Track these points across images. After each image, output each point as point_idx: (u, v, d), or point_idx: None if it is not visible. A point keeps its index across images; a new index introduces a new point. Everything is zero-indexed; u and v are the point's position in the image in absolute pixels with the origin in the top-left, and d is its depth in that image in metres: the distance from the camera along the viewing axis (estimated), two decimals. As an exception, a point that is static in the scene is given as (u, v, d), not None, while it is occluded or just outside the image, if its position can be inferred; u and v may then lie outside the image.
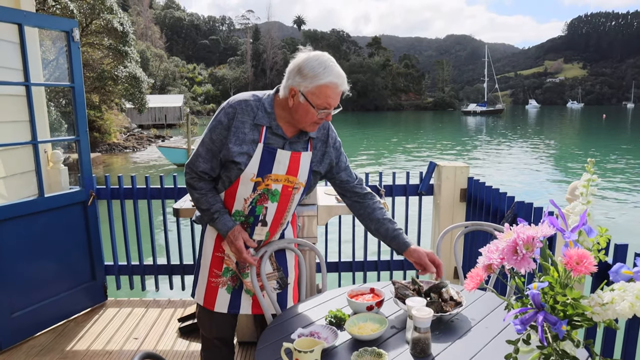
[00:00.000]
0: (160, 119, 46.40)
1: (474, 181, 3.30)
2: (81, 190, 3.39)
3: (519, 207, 2.59)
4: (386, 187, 3.60)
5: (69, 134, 17.00)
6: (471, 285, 1.31)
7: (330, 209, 2.87)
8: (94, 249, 3.48)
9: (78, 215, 3.38)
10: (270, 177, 1.87)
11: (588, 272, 1.10)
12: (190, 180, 1.94)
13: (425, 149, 24.96)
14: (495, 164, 19.04)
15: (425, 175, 3.60)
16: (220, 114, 1.86)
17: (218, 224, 1.91)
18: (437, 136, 35.09)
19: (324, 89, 1.75)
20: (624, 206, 11.75)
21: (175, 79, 74.29)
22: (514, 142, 29.36)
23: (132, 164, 21.02)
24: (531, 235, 1.20)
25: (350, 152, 23.89)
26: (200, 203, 1.93)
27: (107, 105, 25.80)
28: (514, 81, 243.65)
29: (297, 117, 1.82)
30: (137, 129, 35.57)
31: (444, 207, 3.48)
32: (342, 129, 43.22)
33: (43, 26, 3.18)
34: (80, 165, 3.38)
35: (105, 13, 20.02)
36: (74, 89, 3.25)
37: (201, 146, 1.90)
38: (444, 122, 58.84)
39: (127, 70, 21.90)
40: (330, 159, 2.01)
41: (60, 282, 3.31)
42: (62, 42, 15.52)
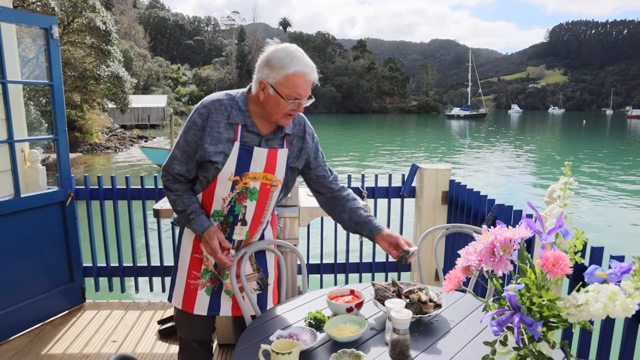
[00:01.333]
0: (143, 120, 45.96)
1: (456, 184, 3.33)
2: (59, 190, 3.33)
3: (499, 209, 2.61)
4: (368, 189, 3.60)
5: (49, 134, 16.73)
6: (449, 286, 1.31)
7: (312, 211, 2.86)
8: (72, 250, 3.43)
9: (56, 215, 3.33)
10: (248, 175, 1.87)
11: (564, 273, 1.11)
12: (166, 182, 1.93)
13: (408, 152, 25.12)
14: (477, 168, 19.25)
15: (407, 177, 3.62)
16: (194, 115, 1.85)
17: (194, 225, 1.89)
18: (421, 139, 35.32)
19: (292, 78, 1.76)
20: (599, 208, 11.96)
21: (159, 79, 73.69)
22: (496, 146, 29.71)
23: (114, 164, 20.77)
24: (508, 237, 1.20)
25: (333, 154, 23.92)
26: (176, 205, 1.92)
27: (89, 105, 25.46)
28: (497, 86, 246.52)
29: (268, 109, 1.83)
30: (119, 129, 35.21)
31: (425, 210, 3.50)
32: (326, 131, 43.30)
33: (20, 22, 3.12)
34: (58, 164, 3.32)
35: (87, 11, 19.76)
36: (52, 87, 3.20)
37: (176, 148, 1.88)
38: (428, 126, 59.28)
39: (110, 69, 21.64)
40: (307, 155, 2.02)
41: (37, 284, 3.25)
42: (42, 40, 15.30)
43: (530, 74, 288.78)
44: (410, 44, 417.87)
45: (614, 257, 1.64)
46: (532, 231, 1.23)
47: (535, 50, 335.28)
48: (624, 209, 12.11)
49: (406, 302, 1.69)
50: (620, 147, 30.27)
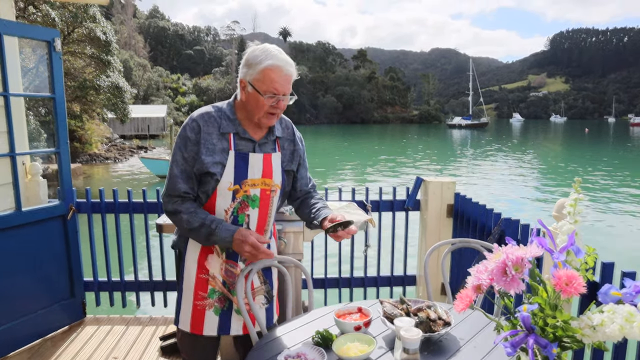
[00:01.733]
0: (143, 130, 46.10)
1: (461, 197, 3.32)
2: (60, 203, 3.33)
3: (505, 224, 2.60)
4: (372, 203, 3.60)
5: (48, 144, 16.75)
6: (461, 306, 1.31)
7: (316, 225, 2.85)
8: (73, 265, 3.42)
9: (57, 229, 3.32)
10: (247, 183, 1.87)
11: (577, 293, 1.11)
12: (172, 206, 1.87)
13: (411, 163, 25.12)
14: (480, 178, 19.23)
15: (411, 190, 3.61)
16: (186, 131, 1.86)
17: (221, 233, 1.82)
18: (423, 149, 35.36)
19: (267, 72, 1.79)
20: (604, 219, 11.94)
21: (159, 89, 73.93)
22: (499, 156, 29.72)
23: (113, 175, 20.79)
24: (520, 256, 1.20)
25: (335, 165, 23.94)
26: (192, 222, 1.84)
27: (89, 115, 25.55)
28: (499, 95, 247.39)
29: (250, 109, 1.86)
30: (119, 140, 35.27)
31: (430, 223, 3.49)
32: (327, 142, 43.39)
33: (23, 35, 3.14)
34: (60, 177, 3.32)
35: (88, 21, 19.91)
36: (54, 99, 3.21)
37: (175, 168, 1.86)
38: (429, 135, 59.38)
39: (110, 79, 21.75)
40: (299, 157, 2.05)
41: (37, 299, 3.23)
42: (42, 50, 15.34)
43: (532, 82, 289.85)
44: (410, 54, 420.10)
45: (626, 273, 1.64)
46: (543, 249, 1.22)
47: (536, 59, 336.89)
48: (633, 217, 12.09)
49: (415, 320, 1.68)
50: (624, 154, 30.27)
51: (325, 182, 17.67)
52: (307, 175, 2.14)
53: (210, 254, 1.96)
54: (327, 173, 20.73)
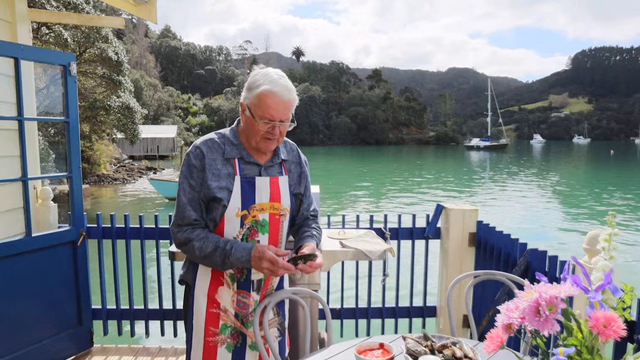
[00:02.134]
0: (152, 150, 46.70)
1: (484, 225, 3.29)
2: (71, 229, 3.36)
3: (532, 255, 2.57)
4: (391, 230, 3.58)
5: (57, 164, 16.99)
6: (491, 347, 1.28)
7: (334, 255, 2.84)
8: (81, 292, 3.43)
9: (66, 255, 3.34)
10: (255, 208, 1.88)
11: (617, 336, 1.08)
12: (182, 236, 1.87)
13: (428, 186, 25.01)
14: (501, 202, 19.04)
15: (432, 218, 3.59)
16: (190, 159, 1.89)
17: (237, 253, 1.81)
18: (440, 172, 35.23)
19: (263, 97, 1.80)
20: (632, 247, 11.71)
21: (169, 109, 75.05)
22: (521, 180, 29.47)
23: (121, 196, 20.98)
24: (554, 295, 1.18)
25: (349, 189, 23.90)
26: (204, 249, 1.84)
27: (98, 135, 25.98)
28: (518, 115, 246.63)
29: (247, 133, 1.89)
30: (127, 160, 35.71)
31: (452, 252, 3.46)
32: (340, 163, 43.49)
33: (40, 60, 3.22)
34: (71, 202, 3.36)
35: (100, 42, 20.39)
36: (68, 124, 3.27)
37: (183, 196, 1.88)
38: (447, 157, 59.22)
39: (121, 100, 22.16)
40: (306, 180, 2.07)
41: (44, 327, 3.24)
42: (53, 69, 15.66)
43: (553, 102, 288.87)
44: (427, 73, 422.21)
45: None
46: (578, 288, 1.20)
47: (558, 78, 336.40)
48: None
49: (440, 358, 1.65)
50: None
51: (341, 207, 17.63)
52: (310, 200, 2.15)
53: (220, 285, 1.94)
54: (342, 197, 20.70)
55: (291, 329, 2.63)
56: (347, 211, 16.34)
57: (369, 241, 3.03)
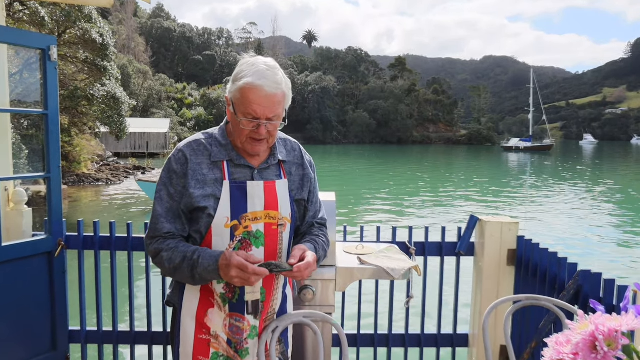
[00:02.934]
0: (141, 147, 47.07)
1: (525, 241, 3.27)
2: (48, 238, 3.38)
3: (583, 277, 2.54)
4: (417, 245, 3.57)
5: (31, 162, 17.13)
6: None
7: (351, 273, 2.84)
8: (57, 311, 3.45)
9: (41, 268, 3.37)
10: (247, 217, 1.89)
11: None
12: (155, 246, 1.90)
13: (460, 194, 24.89)
14: (547, 215, 18.85)
15: (464, 231, 3.57)
16: (171, 164, 1.91)
17: (204, 262, 1.81)
18: (473, 177, 35.07)
19: (245, 91, 1.81)
20: None
21: (161, 100, 75.60)
22: (569, 187, 29.22)
23: (105, 199, 21.15)
24: (614, 328, 1.16)
25: (368, 194, 23.86)
26: (174, 259, 1.85)
27: (78, 129, 26.22)
28: (566, 112, 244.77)
29: (234, 133, 1.91)
30: (112, 158, 36.04)
31: (487, 271, 3.44)
32: (356, 165, 43.48)
33: (16, 43, 3.26)
34: (48, 207, 3.39)
35: (82, 21, 20.53)
36: (47, 116, 3.30)
37: (158, 207, 1.90)
38: (480, 160, 58.96)
39: (105, 88, 22.33)
40: (310, 183, 2.08)
41: (12, 352, 3.25)
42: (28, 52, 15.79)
43: (608, 96, 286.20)
44: (458, 62, 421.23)
45: None
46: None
47: (614, 68, 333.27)
48: None
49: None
50: None
51: (358, 217, 17.62)
52: (317, 206, 2.16)
53: (210, 307, 1.94)
54: (359, 205, 20.69)
55: (296, 358, 2.63)
56: (365, 222, 16.31)
57: (392, 257, 3.02)
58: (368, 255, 3.04)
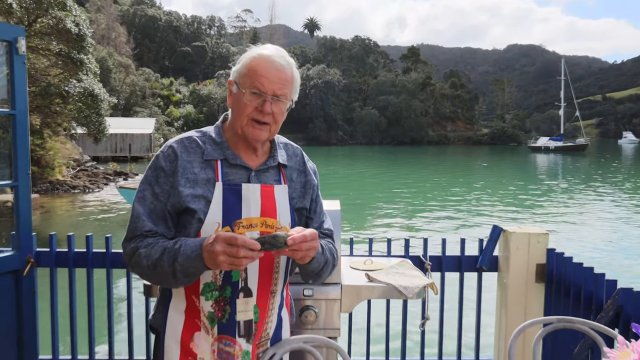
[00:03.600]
0: (123, 150, 47.25)
1: (556, 255, 3.25)
2: (14, 254, 3.37)
3: (624, 297, 2.52)
4: (433, 259, 3.55)
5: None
6: None
7: (359, 291, 2.83)
8: (25, 337, 3.42)
9: (7, 289, 3.34)
10: (241, 224, 1.90)
11: None
12: (131, 246, 1.89)
13: (481, 201, 24.86)
14: (581, 225, 18.77)
15: (487, 244, 3.56)
16: (159, 160, 1.94)
17: (186, 250, 1.77)
18: (497, 182, 35.05)
19: (253, 63, 1.90)
20: None
21: (145, 97, 75.93)
22: (606, 193, 29.15)
23: (82, 210, 21.18)
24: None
25: (377, 202, 23.84)
26: (152, 255, 1.82)
27: (52, 130, 26.28)
28: (602, 107, 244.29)
29: (235, 115, 1.96)
30: (90, 163, 36.09)
31: (513, 289, 3.42)
32: (364, 168, 43.51)
33: (-22, 34, 3.25)
34: (16, 219, 3.38)
35: (55, 9, 20.56)
36: (14, 117, 3.30)
37: (139, 206, 1.91)
38: (504, 162, 58.93)
39: (82, 84, 22.39)
40: (312, 191, 2.12)
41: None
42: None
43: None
44: (479, 52, 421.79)
45: None
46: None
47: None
48: None
49: None
50: None
51: (365, 228, 17.60)
52: (321, 217, 2.19)
53: (196, 330, 1.94)
54: (367, 213, 20.67)
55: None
56: (374, 233, 16.31)
57: (404, 273, 3.01)
58: (377, 271, 3.03)
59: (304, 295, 2.75)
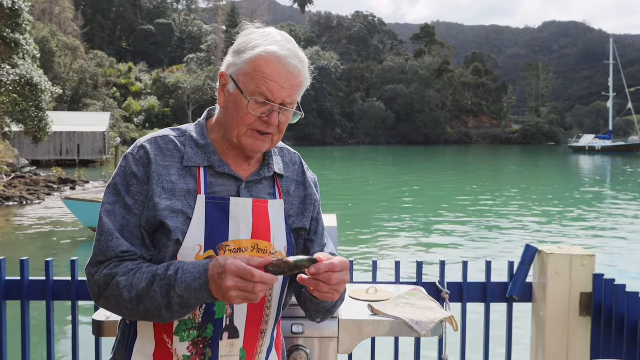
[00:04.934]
0: (70, 152, 47.21)
1: (605, 282, 3.25)
2: None
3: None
4: (452, 287, 3.54)
5: None
6: None
7: (360, 327, 2.82)
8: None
9: None
10: (227, 247, 1.88)
11: None
12: (104, 273, 1.82)
13: (511, 214, 24.88)
14: (635, 245, 18.76)
15: (518, 267, 3.55)
16: (129, 164, 1.89)
17: (185, 277, 1.73)
18: (530, 190, 35.09)
19: (261, 62, 1.83)
20: None
21: (98, 87, 75.85)
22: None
23: (17, 226, 21.10)
24: None
25: (384, 215, 23.83)
26: (136, 284, 1.78)
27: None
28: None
29: (228, 119, 1.91)
30: (29, 168, 36.01)
31: (552, 324, 3.41)
32: (368, 174, 43.50)
33: None
34: None
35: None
36: None
37: (109, 222, 1.86)
38: (540, 165, 59.13)
39: (18, 71, 22.32)
40: (313, 208, 2.11)
41: None
42: None
43: None
44: (508, 31, 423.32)
45: None
46: None
47: None
48: None
49: None
50: None
51: (368, 247, 17.57)
52: (323, 239, 2.17)
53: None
54: (370, 230, 20.65)
55: None
56: (379, 254, 16.29)
57: (416, 305, 3.00)
58: (383, 302, 3.02)
59: (292, 332, 2.74)
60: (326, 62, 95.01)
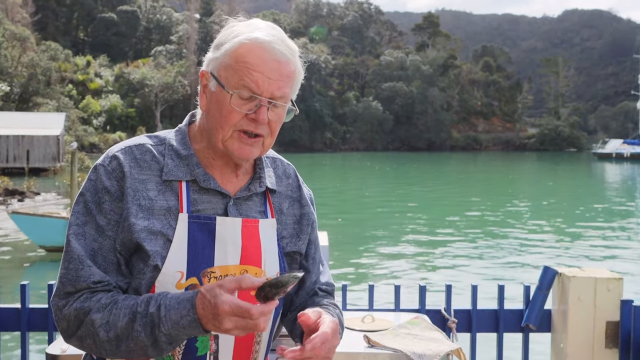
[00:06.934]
0: (17, 159, 46.96)
1: (635, 308, 3.27)
2: None
3: None
4: (460, 315, 3.56)
5: None
6: None
7: (353, 359, 2.82)
8: None
9: None
10: (213, 274, 1.85)
11: None
12: (74, 307, 1.79)
13: (525, 232, 24.89)
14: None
15: (535, 292, 3.57)
16: (100, 178, 1.86)
17: (170, 314, 1.70)
18: (547, 204, 35.14)
19: (242, 51, 1.81)
20: None
21: (51, 83, 75.59)
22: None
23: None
24: None
25: (378, 232, 23.82)
26: (114, 322, 1.74)
27: None
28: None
29: (211, 122, 1.88)
30: (-29, 177, 35.87)
31: (574, 358, 3.43)
32: (363, 184, 43.50)
33: None
34: None
35: None
36: None
37: (78, 246, 1.82)
38: (559, 175, 59.23)
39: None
40: (310, 228, 2.10)
41: None
42: None
43: None
44: (523, 21, 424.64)
45: None
46: None
47: None
48: None
49: None
50: None
51: (363, 270, 17.54)
52: (319, 267, 2.16)
53: None
54: (365, 249, 20.60)
55: None
56: (376, 276, 16.28)
57: (419, 336, 3.01)
58: (381, 332, 3.03)
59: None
60: (315, 55, 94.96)
